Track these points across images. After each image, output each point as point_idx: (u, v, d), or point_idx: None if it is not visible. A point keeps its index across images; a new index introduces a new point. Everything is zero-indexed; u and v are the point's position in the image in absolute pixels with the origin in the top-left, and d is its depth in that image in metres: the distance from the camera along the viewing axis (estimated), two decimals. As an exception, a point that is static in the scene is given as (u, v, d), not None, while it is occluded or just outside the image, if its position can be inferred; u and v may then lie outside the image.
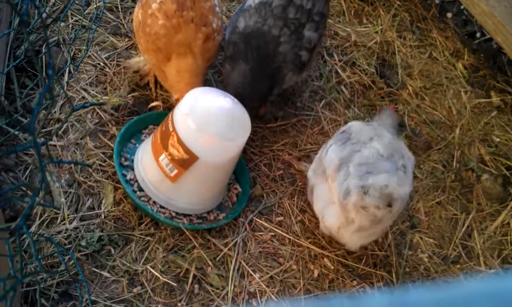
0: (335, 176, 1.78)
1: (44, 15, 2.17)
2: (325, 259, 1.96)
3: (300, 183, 2.11)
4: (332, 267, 1.94)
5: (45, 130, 1.95)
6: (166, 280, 1.77)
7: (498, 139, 2.50)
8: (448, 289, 0.66)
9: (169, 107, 2.08)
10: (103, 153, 1.97)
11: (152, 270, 1.78)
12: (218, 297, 1.78)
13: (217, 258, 1.86)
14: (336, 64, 2.50)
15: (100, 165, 1.94)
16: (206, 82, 2.24)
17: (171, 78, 1.95)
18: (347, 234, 1.84)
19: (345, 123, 2.15)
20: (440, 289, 0.65)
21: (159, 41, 1.91)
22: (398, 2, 2.81)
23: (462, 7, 2.84)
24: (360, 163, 1.75)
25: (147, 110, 2.11)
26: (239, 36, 2.00)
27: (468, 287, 0.67)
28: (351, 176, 1.74)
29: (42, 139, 1.88)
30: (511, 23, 2.50)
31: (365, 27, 2.69)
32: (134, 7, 2.26)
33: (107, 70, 2.17)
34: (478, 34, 2.85)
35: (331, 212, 1.83)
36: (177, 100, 1.95)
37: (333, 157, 1.81)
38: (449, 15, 2.88)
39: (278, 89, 2.09)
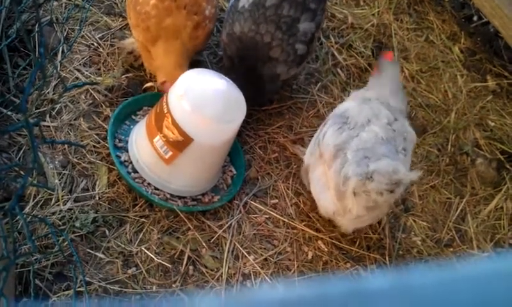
0: (332, 163, 1.75)
1: (36, -6, 2.13)
2: (319, 242, 1.96)
3: (295, 166, 2.11)
4: (326, 249, 1.95)
5: (38, 110, 1.93)
6: (160, 261, 1.77)
7: (493, 123, 2.51)
8: (449, 270, 0.66)
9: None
10: (97, 134, 1.96)
11: (146, 251, 1.78)
12: (212, 279, 1.78)
13: (212, 240, 1.86)
14: (332, 46, 2.49)
15: (94, 146, 1.93)
16: (201, 64, 2.22)
17: (157, 60, 1.94)
18: (343, 220, 1.84)
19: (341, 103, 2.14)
20: (440, 270, 0.65)
21: (149, 21, 1.90)
22: (395, -15, 2.79)
23: (460, -10, 2.82)
24: (357, 148, 1.71)
25: (141, 91, 2.09)
26: (234, 47, 2.00)
27: (469, 268, 0.67)
28: (349, 162, 1.70)
29: (35, 119, 1.86)
30: (509, 7, 2.48)
31: (362, 9, 2.67)
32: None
33: (101, 50, 2.15)
34: (475, 18, 2.83)
35: (327, 197, 1.81)
36: (162, 84, 1.94)
37: (330, 142, 1.78)
38: (446, -3, 2.86)
39: (272, 86, 2.08)
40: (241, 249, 1.87)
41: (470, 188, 2.29)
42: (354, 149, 1.72)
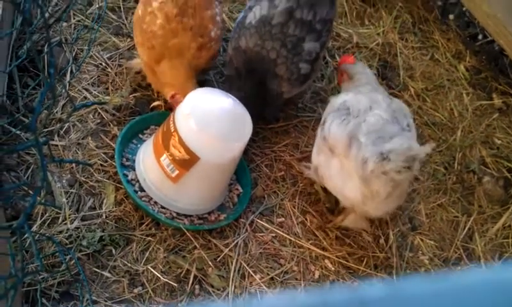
0: (348, 152, 1.78)
1: (46, 15, 2.17)
2: (326, 261, 1.95)
3: (301, 185, 2.11)
4: (333, 269, 1.94)
5: (46, 129, 1.96)
6: (166, 280, 1.77)
7: (499, 141, 2.50)
8: (444, 280, 0.66)
9: (171, 107, 2.09)
10: (104, 153, 1.97)
11: (152, 270, 1.78)
12: (219, 298, 1.78)
13: (218, 259, 1.86)
14: (338, 65, 2.50)
15: (101, 165, 1.94)
16: (208, 83, 2.24)
17: (164, 78, 1.97)
18: (372, 205, 1.84)
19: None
20: (435, 280, 0.66)
21: (155, 40, 1.93)
22: (400, 4, 2.81)
23: (464, 9, 2.84)
24: (368, 131, 1.76)
25: (149, 110, 2.11)
26: (241, 59, 2.02)
27: (464, 278, 0.67)
28: (363, 145, 1.74)
29: (44, 139, 1.88)
30: (513, 26, 2.49)
31: (367, 29, 2.69)
32: (136, 8, 2.26)
33: (109, 70, 2.17)
34: (480, 36, 2.84)
35: (351, 187, 1.82)
36: (172, 98, 1.95)
37: (339, 133, 1.81)
38: (451, 16, 2.88)
39: (275, 102, 2.10)
40: (247, 268, 1.87)
41: (477, 206, 2.28)
42: (365, 132, 1.77)
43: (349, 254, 1.98)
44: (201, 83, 2.15)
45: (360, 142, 1.75)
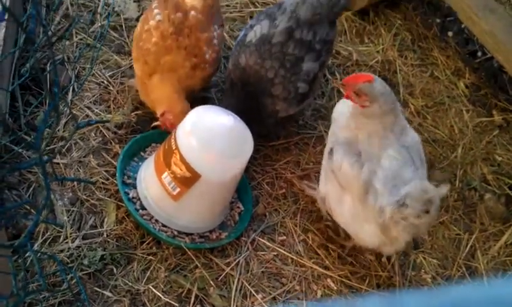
0: (364, 198, 1.76)
1: (49, 33, 2.19)
2: (328, 280, 1.94)
3: (303, 202, 2.10)
4: (335, 288, 1.93)
5: (48, 147, 1.96)
6: (168, 300, 1.76)
7: (500, 158, 2.50)
8: (440, 295, 0.66)
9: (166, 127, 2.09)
10: (106, 171, 1.97)
11: (153, 290, 1.77)
12: (220, 317, 1.76)
13: (220, 278, 1.85)
14: (338, 82, 2.51)
15: (103, 183, 1.94)
16: (209, 101, 2.25)
17: (154, 92, 1.98)
18: (390, 249, 1.83)
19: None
20: (432, 295, 0.66)
21: (148, 56, 1.96)
22: (399, 22, 2.84)
23: (463, 26, 2.86)
24: (384, 177, 1.73)
25: (150, 128, 2.11)
26: (239, 74, 2.03)
27: (461, 293, 0.67)
28: (380, 193, 1.72)
29: (46, 157, 1.88)
30: (512, 43, 2.51)
31: (367, 46, 2.71)
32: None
33: (111, 88, 2.18)
34: (479, 53, 2.86)
35: (368, 230, 1.80)
36: (162, 115, 1.96)
37: (352, 174, 1.77)
38: (450, 34, 2.90)
39: (269, 120, 2.10)
40: (249, 287, 1.85)
41: (479, 224, 2.27)
42: (381, 179, 1.74)
43: (351, 273, 1.97)
44: (202, 100, 2.16)
45: (375, 189, 1.73)
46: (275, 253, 1.96)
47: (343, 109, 1.90)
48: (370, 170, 1.76)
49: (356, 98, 1.79)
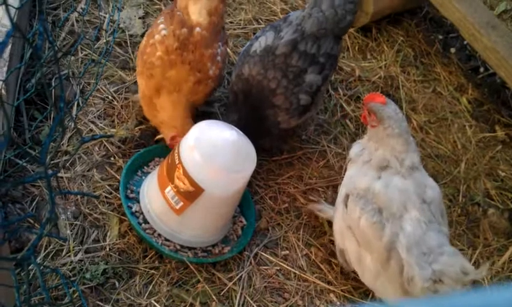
0: (387, 265, 1.72)
1: (55, 49, 2.22)
2: (331, 295, 1.93)
3: (306, 217, 2.10)
4: (338, 303, 1.92)
5: (53, 161, 1.97)
6: (170, 314, 1.75)
7: (503, 174, 2.50)
8: (445, 301, 0.66)
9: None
10: (109, 185, 1.98)
11: (156, 304, 1.76)
12: (222, 332, 1.75)
13: (222, 293, 1.84)
14: (340, 98, 2.53)
15: (106, 197, 1.95)
16: (212, 115, 2.26)
17: (165, 113, 2.00)
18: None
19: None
20: (436, 301, 0.66)
21: (153, 70, 1.97)
22: (402, 38, 2.86)
23: (465, 42, 2.88)
24: (409, 245, 1.66)
25: (153, 142, 2.12)
26: (241, 85, 2.05)
27: (463, 300, 0.67)
28: (406, 262, 1.66)
29: (51, 171, 1.89)
30: (514, 59, 2.53)
31: (369, 63, 2.73)
32: (142, 42, 2.30)
33: (115, 103, 2.20)
34: (481, 69, 2.88)
35: (390, 289, 1.75)
36: (172, 139, 1.98)
37: (373, 234, 1.71)
38: (453, 50, 2.92)
39: (271, 132, 2.11)
40: (252, 302, 1.85)
41: (483, 239, 2.26)
42: (405, 246, 1.67)
43: (354, 288, 1.96)
44: (206, 115, 2.17)
45: (400, 257, 1.68)
46: (278, 268, 1.95)
47: (358, 150, 1.88)
48: (392, 232, 1.69)
49: (367, 116, 1.84)
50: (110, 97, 2.21)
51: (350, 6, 2.09)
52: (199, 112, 2.13)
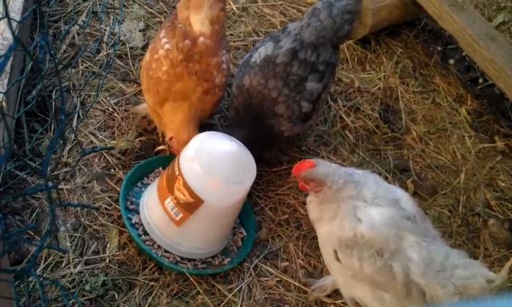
0: (410, 296, 1.68)
1: (56, 61, 2.23)
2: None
3: (306, 228, 2.10)
4: (338, 314, 1.91)
5: (53, 173, 1.97)
6: (169, 326, 1.74)
7: (503, 184, 2.50)
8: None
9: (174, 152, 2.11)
10: (109, 196, 1.98)
11: (155, 315, 1.76)
12: (222, 345, 1.74)
13: (222, 304, 1.84)
14: (340, 109, 2.54)
15: (106, 208, 1.95)
16: (212, 127, 2.27)
17: (165, 117, 2.00)
18: None
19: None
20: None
21: (160, 86, 1.98)
22: (400, 50, 2.88)
23: (464, 53, 2.90)
24: (420, 269, 1.65)
25: (153, 154, 2.13)
26: (242, 99, 2.06)
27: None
28: (426, 287, 1.65)
29: (51, 183, 1.90)
30: (513, 70, 2.54)
31: (368, 74, 2.74)
32: (143, 55, 2.32)
33: (116, 115, 2.21)
34: (480, 80, 2.89)
35: None
36: (169, 140, 1.99)
37: (385, 281, 1.68)
38: (451, 61, 2.94)
39: (277, 141, 2.12)
40: (252, 313, 1.84)
41: (483, 249, 2.25)
42: (420, 274, 1.66)
43: (354, 299, 1.95)
44: (206, 127, 2.18)
45: (418, 285, 1.66)
46: (278, 279, 1.95)
47: (318, 212, 1.83)
48: (403, 268, 1.67)
49: (306, 185, 1.80)
50: (110, 109, 2.22)
51: (348, 16, 2.11)
52: (199, 124, 2.13)
